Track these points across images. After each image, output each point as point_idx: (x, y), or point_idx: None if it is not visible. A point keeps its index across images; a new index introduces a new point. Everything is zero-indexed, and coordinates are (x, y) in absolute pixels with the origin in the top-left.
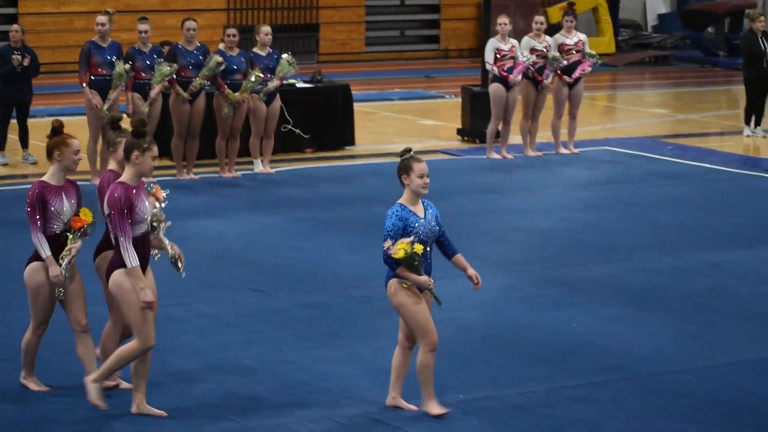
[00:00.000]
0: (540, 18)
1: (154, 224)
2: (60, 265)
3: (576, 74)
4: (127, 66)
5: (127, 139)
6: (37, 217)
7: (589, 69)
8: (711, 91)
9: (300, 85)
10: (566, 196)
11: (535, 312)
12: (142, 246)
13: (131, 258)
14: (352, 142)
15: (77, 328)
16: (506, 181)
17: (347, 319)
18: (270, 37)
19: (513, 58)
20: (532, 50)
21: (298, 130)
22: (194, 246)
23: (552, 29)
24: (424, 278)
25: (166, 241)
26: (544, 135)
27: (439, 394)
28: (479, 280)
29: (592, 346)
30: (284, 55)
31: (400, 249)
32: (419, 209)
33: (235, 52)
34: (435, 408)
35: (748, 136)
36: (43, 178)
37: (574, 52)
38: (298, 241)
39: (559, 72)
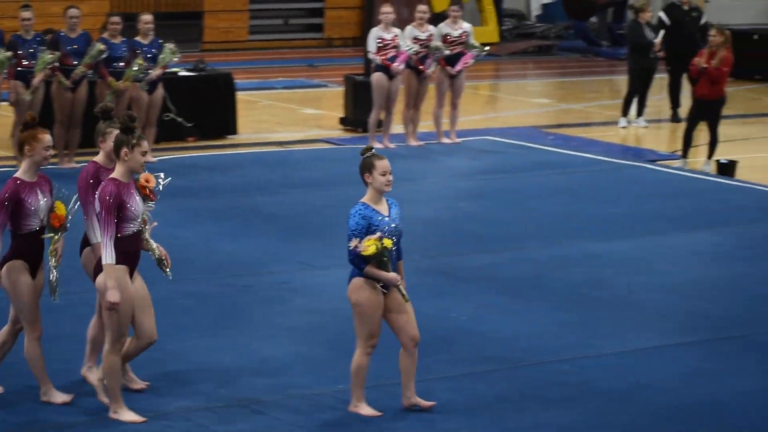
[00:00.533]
0: (423, 7)
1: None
2: (51, 268)
3: (458, 67)
4: (9, 53)
5: (116, 136)
6: (3, 215)
7: (472, 61)
8: (594, 81)
9: (183, 73)
10: (447, 186)
11: (415, 301)
12: (134, 244)
13: (109, 255)
14: (234, 131)
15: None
16: None
17: (227, 308)
18: (150, 26)
19: (396, 47)
20: (415, 39)
21: (180, 119)
22: (74, 235)
23: (436, 18)
24: (392, 275)
25: (153, 243)
26: (426, 124)
27: (318, 383)
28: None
29: (472, 335)
30: (167, 44)
31: (369, 245)
32: (383, 207)
33: (118, 39)
34: (366, 409)
35: (624, 127)
36: (17, 175)
37: (458, 44)
38: (179, 229)
39: (441, 62)
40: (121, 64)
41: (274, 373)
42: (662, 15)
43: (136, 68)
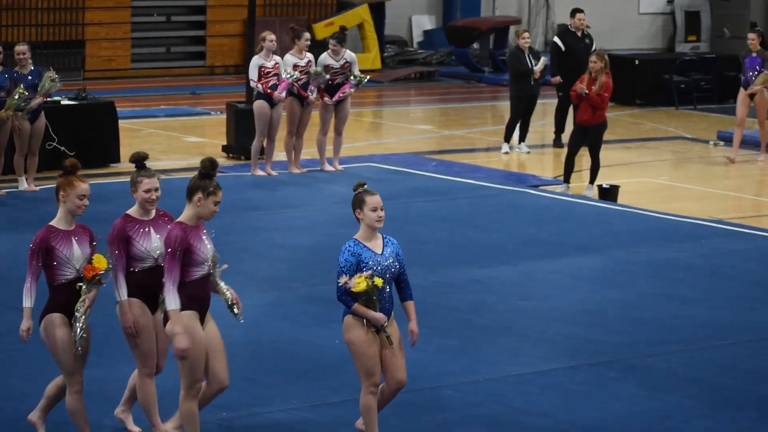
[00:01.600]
0: (307, 35)
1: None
2: (76, 318)
3: (336, 97)
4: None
5: (193, 180)
6: (35, 263)
7: (351, 90)
8: (476, 107)
9: (65, 102)
10: (330, 213)
11: (297, 329)
12: (202, 288)
13: (173, 301)
14: (117, 159)
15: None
16: (270, 198)
17: (109, 337)
18: (25, 56)
19: (277, 75)
20: (295, 66)
21: (63, 148)
22: None
23: (317, 45)
24: (380, 315)
25: (223, 285)
26: (309, 151)
27: (202, 413)
28: (416, 336)
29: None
30: (47, 72)
31: (360, 282)
32: (376, 245)
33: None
34: None
35: (506, 153)
36: (52, 223)
37: (340, 74)
38: None
39: (320, 92)
40: (2, 93)
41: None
42: (557, 40)
43: (17, 97)
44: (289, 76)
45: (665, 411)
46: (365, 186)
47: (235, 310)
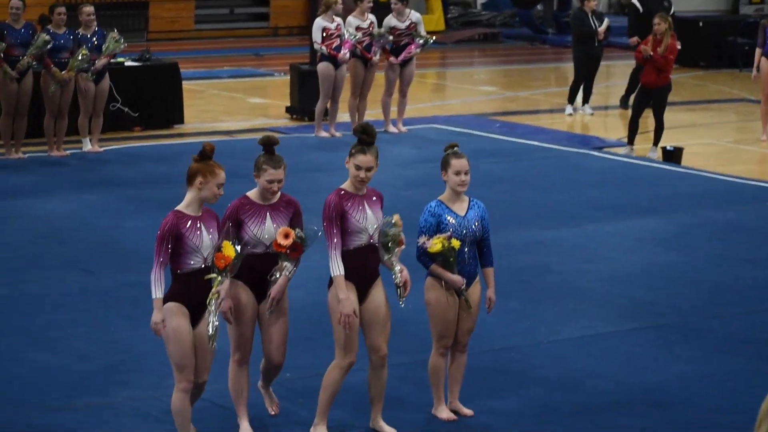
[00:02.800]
0: None
1: (390, 245)
2: (209, 312)
3: (402, 56)
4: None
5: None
6: (163, 251)
7: (417, 51)
8: (540, 69)
9: (128, 63)
10: (394, 174)
11: None
12: (359, 259)
13: (336, 267)
14: (180, 121)
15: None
16: (334, 160)
17: None
18: (92, 17)
19: (340, 36)
20: (358, 28)
21: (126, 109)
22: (21, 225)
23: (380, 8)
24: (457, 277)
25: (397, 266)
26: (372, 113)
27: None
28: (492, 304)
29: (418, 325)
30: (111, 33)
31: (436, 242)
32: (459, 207)
33: (62, 30)
34: (444, 412)
35: (570, 114)
36: (179, 207)
37: (406, 35)
38: (125, 220)
39: (386, 53)
40: (66, 54)
41: (224, 361)
42: (635, 2)
43: (81, 58)
44: (352, 37)
45: (728, 374)
46: (456, 148)
47: (400, 293)
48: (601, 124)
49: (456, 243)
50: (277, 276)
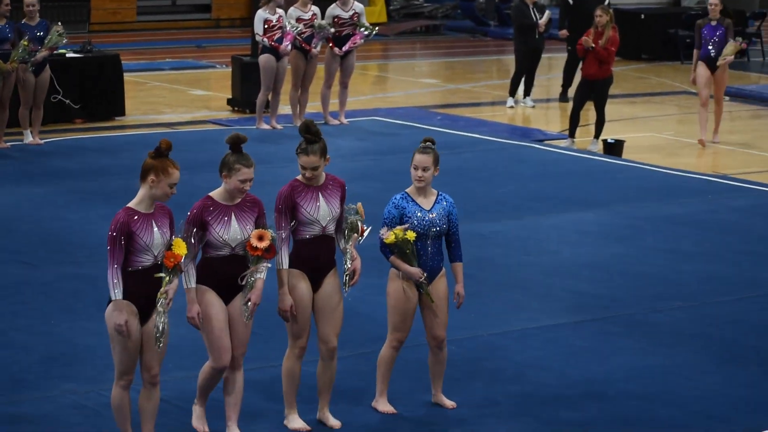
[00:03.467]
0: None
1: (348, 233)
2: (158, 312)
3: (346, 47)
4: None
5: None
6: (117, 250)
7: (361, 41)
8: (482, 61)
9: (70, 55)
10: (334, 167)
11: None
12: (311, 249)
13: (280, 260)
14: (122, 113)
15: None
16: (275, 152)
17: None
18: (34, 8)
19: (282, 28)
20: (299, 19)
21: (68, 101)
22: None
23: None
24: (414, 270)
25: (350, 255)
26: (314, 105)
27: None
28: (461, 299)
29: (358, 317)
30: (54, 26)
31: (391, 234)
32: (426, 200)
33: (3, 21)
34: (385, 406)
35: (511, 107)
36: (130, 204)
37: (348, 25)
38: (66, 212)
39: (330, 43)
40: (7, 46)
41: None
42: None
43: (21, 50)
44: (294, 29)
45: (670, 366)
46: (427, 143)
47: (346, 280)
48: (543, 116)
49: (411, 235)
50: (252, 279)
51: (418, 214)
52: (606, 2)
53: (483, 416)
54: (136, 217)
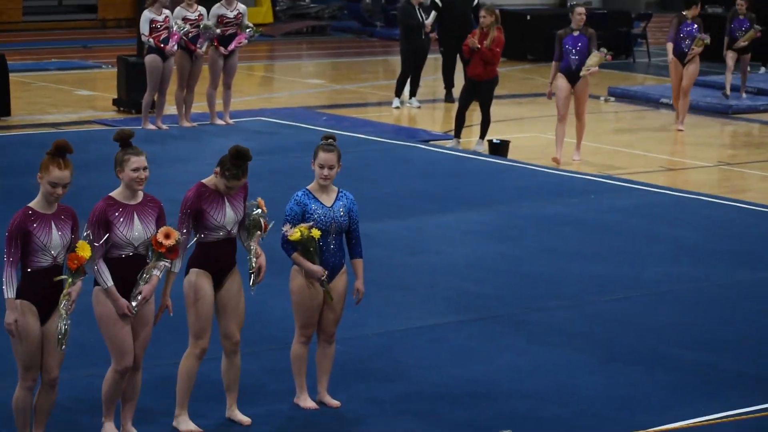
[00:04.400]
0: None
1: (251, 229)
2: (60, 315)
3: (231, 46)
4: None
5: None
6: (12, 250)
7: (245, 41)
8: (368, 62)
9: None
10: None
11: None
12: (216, 251)
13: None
14: (7, 113)
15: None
16: (161, 153)
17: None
18: None
19: (168, 28)
20: (185, 19)
21: None
22: None
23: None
24: (316, 267)
25: (254, 252)
26: (199, 105)
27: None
28: (361, 295)
29: (246, 316)
30: None
31: (296, 231)
32: (327, 197)
33: None
34: (306, 401)
35: (397, 107)
36: (31, 204)
37: (233, 25)
38: None
39: (215, 43)
40: None
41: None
42: None
43: None
44: (179, 29)
45: (554, 365)
46: (329, 140)
47: (252, 278)
48: (429, 117)
49: (316, 233)
50: (148, 275)
51: (320, 211)
52: (475, 3)
53: (368, 416)
54: (33, 217)
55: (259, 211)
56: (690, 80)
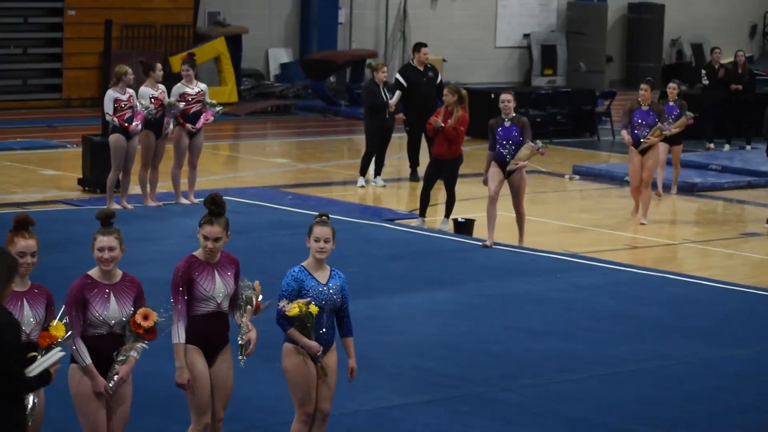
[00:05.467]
0: (159, 65)
1: (243, 306)
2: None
3: (199, 124)
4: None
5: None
6: None
7: (212, 118)
8: (332, 141)
9: None
10: (185, 247)
11: (150, 361)
12: (205, 324)
13: (177, 334)
14: None
15: None
16: (126, 232)
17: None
18: None
19: (132, 107)
20: (150, 99)
21: None
22: None
23: (175, 78)
24: (313, 343)
25: (245, 327)
26: (164, 185)
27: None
28: (354, 373)
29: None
30: None
31: (294, 306)
32: (321, 275)
33: None
34: None
35: (362, 186)
36: None
37: (196, 102)
38: None
39: (182, 121)
40: None
41: None
42: (398, 77)
43: None
44: (144, 108)
45: None
46: (323, 217)
47: (242, 351)
48: (393, 195)
49: (314, 309)
50: (125, 356)
51: (316, 288)
52: (439, 81)
53: None
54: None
55: (254, 293)
56: (650, 172)
